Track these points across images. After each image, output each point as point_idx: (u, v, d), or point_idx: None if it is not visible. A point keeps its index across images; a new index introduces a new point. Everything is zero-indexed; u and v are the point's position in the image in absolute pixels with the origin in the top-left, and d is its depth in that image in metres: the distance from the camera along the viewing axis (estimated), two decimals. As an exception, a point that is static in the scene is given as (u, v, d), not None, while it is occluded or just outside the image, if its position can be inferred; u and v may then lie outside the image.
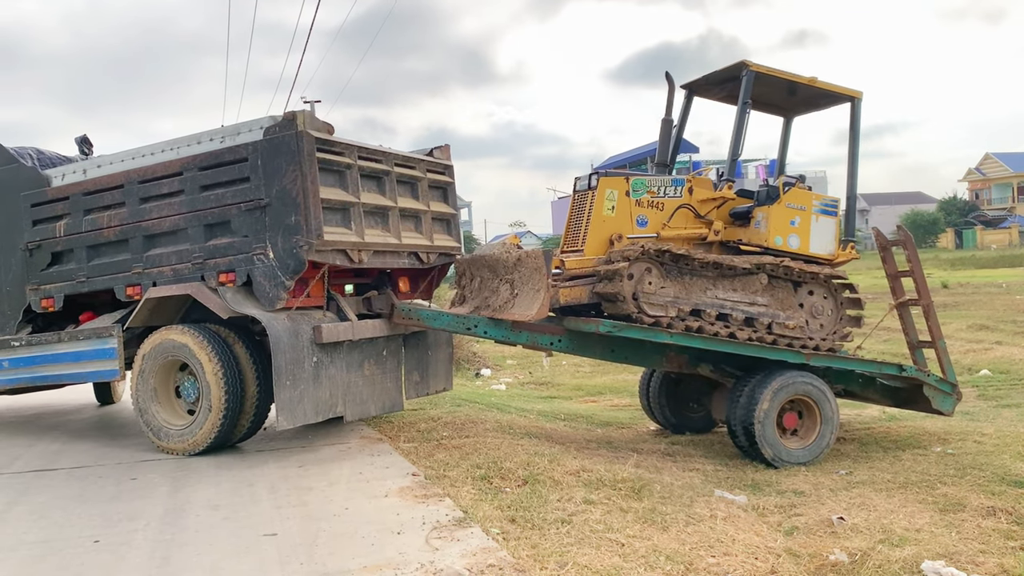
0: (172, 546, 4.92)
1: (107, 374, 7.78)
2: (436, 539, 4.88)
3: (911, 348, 8.36)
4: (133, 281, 7.51)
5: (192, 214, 7.18)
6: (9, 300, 8.24)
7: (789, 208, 7.86)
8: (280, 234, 6.82)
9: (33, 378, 8.27)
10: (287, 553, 4.73)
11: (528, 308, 6.93)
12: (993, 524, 5.49)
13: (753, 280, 7.59)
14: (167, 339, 7.23)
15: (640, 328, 7.18)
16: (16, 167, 8.19)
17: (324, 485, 6.17)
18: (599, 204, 7.61)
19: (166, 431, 7.30)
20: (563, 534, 4.97)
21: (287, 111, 6.86)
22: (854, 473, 6.97)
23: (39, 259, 8.00)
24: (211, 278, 7.11)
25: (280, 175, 6.77)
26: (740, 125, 7.78)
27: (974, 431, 8.23)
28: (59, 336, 7.91)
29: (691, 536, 5.08)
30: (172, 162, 7.28)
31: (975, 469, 6.75)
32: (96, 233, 7.67)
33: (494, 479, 6.14)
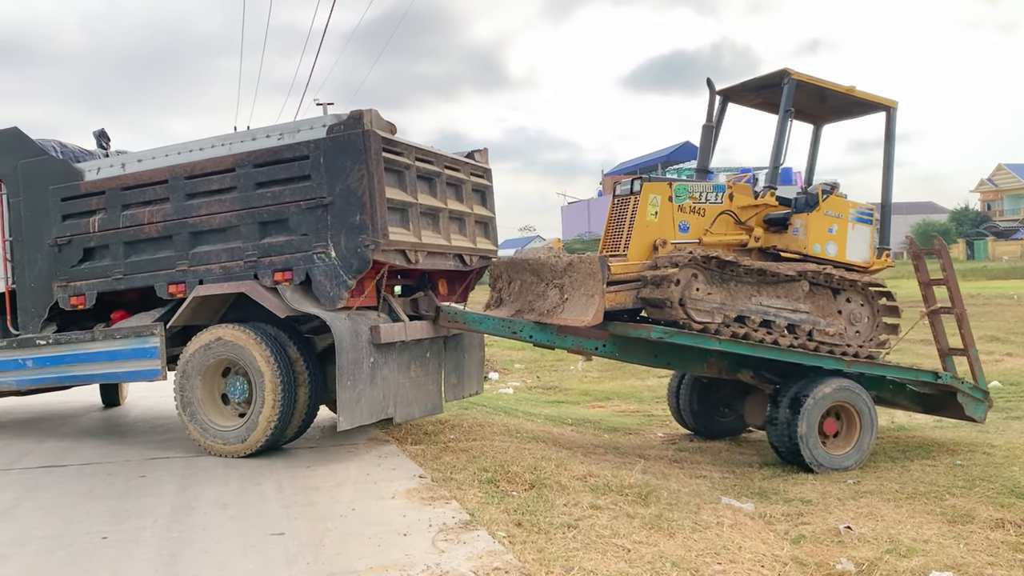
0: (180, 544, 4.94)
1: (147, 374, 7.52)
2: (442, 541, 4.88)
3: (942, 355, 8.41)
4: (177, 279, 7.32)
5: (245, 211, 7.04)
6: (34, 297, 7.95)
7: (827, 216, 7.96)
8: (343, 233, 6.75)
9: (60, 378, 8.02)
10: (294, 552, 4.75)
11: (582, 313, 6.93)
12: (1002, 536, 5.47)
13: (795, 287, 7.63)
14: (218, 338, 7.10)
15: (690, 334, 7.20)
16: (44, 160, 7.95)
17: (331, 485, 6.19)
18: (643, 209, 7.64)
19: (214, 432, 7.15)
20: (569, 539, 4.97)
21: (353, 110, 6.78)
22: (862, 482, 6.94)
23: (69, 255, 7.76)
24: (265, 276, 6.98)
25: (345, 174, 6.72)
26: (782, 133, 7.84)
27: (983, 443, 8.19)
28: (92, 335, 7.69)
29: (697, 543, 5.08)
30: (223, 158, 7.13)
31: (984, 481, 6.71)
32: (135, 229, 7.47)
33: (501, 482, 6.14)
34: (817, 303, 7.73)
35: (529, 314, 7.54)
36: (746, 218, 7.96)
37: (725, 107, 8.66)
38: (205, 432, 7.20)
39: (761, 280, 7.52)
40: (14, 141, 7.99)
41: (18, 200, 7.95)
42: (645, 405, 12.02)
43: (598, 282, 6.84)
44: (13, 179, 7.97)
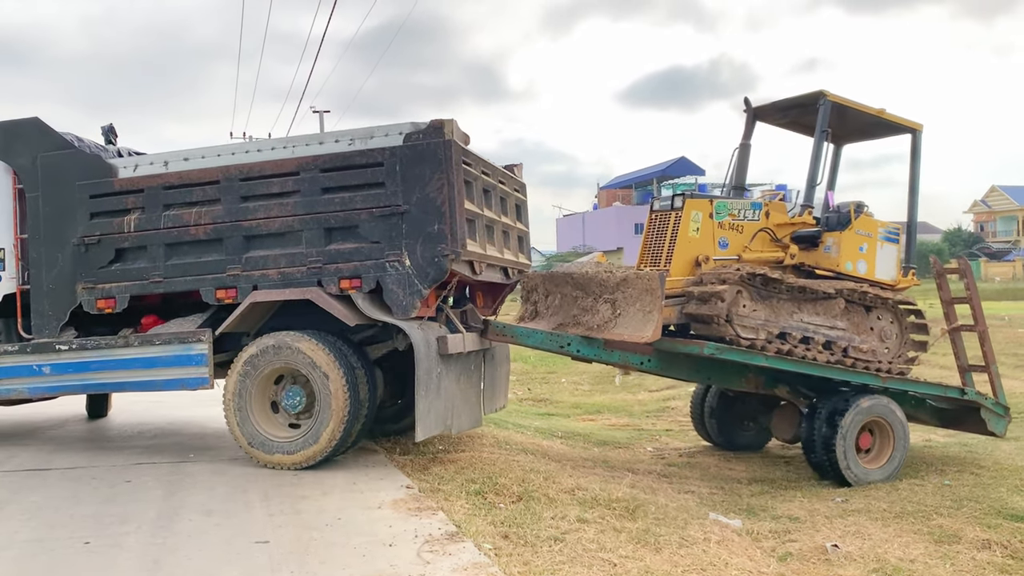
0: (163, 550, 4.91)
1: (192, 382, 7.16)
2: (428, 552, 4.86)
3: (961, 371, 8.61)
4: (227, 283, 7.03)
5: (310, 216, 6.85)
6: (51, 299, 7.44)
7: (858, 235, 8.13)
8: (420, 242, 6.69)
9: (84, 385, 7.58)
10: (278, 561, 4.72)
11: (639, 329, 6.95)
12: (988, 557, 5.46)
13: (833, 304, 7.78)
14: (280, 345, 6.86)
15: (739, 351, 7.30)
16: (71, 154, 7.49)
17: (318, 494, 6.16)
18: (685, 225, 7.73)
19: (270, 443, 6.90)
20: (555, 552, 4.95)
21: (433, 119, 6.75)
22: (850, 501, 6.93)
23: (98, 255, 7.31)
24: (330, 284, 6.82)
25: (423, 183, 6.66)
26: (819, 153, 8.04)
27: (972, 462, 8.20)
28: (127, 340, 7.31)
29: (684, 559, 5.06)
30: (286, 161, 6.95)
31: (972, 501, 6.71)
32: (180, 230, 7.13)
33: (488, 494, 6.12)
34: (852, 320, 7.90)
35: (575, 328, 7.59)
36: (782, 235, 8.11)
37: (753, 125, 8.78)
38: (258, 443, 6.93)
39: (802, 297, 7.68)
40: (34, 132, 7.54)
41: (36, 195, 7.47)
42: (635, 419, 12.01)
43: (657, 298, 6.89)
44: (31, 172, 7.49)
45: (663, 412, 12.60)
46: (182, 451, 7.78)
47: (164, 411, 10.08)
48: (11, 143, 7.58)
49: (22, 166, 7.55)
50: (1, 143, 7.61)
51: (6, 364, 7.55)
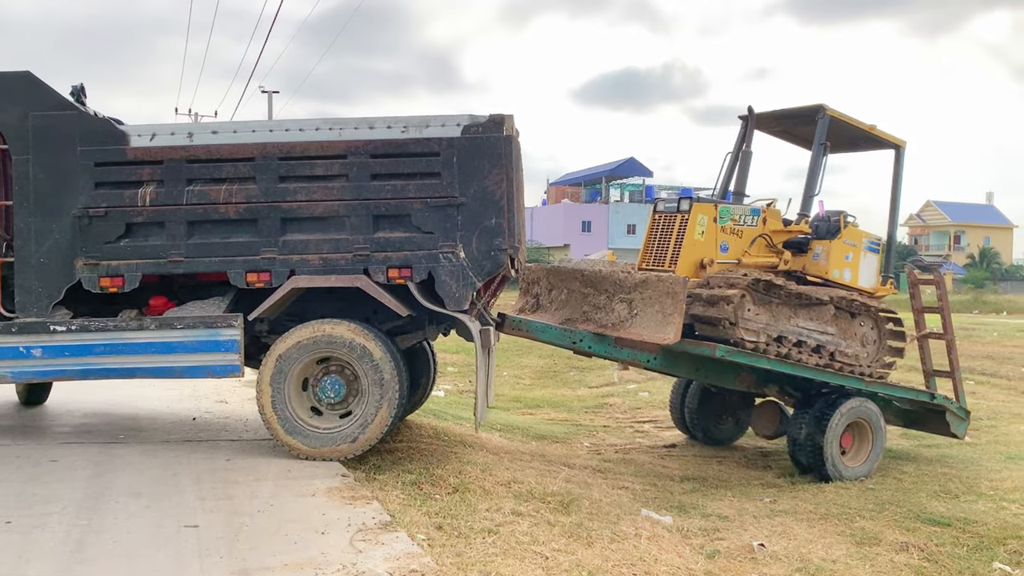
0: (88, 532, 4.80)
1: (221, 370, 6.74)
2: (360, 541, 4.84)
3: (926, 376, 9.20)
4: (260, 267, 6.66)
5: (358, 202, 6.64)
6: (42, 274, 6.71)
7: (845, 244, 8.65)
8: (476, 235, 6.65)
9: (85, 371, 6.83)
10: (208, 546, 4.65)
11: (659, 331, 7.16)
12: (905, 559, 5.67)
13: (824, 310, 8.15)
14: (327, 334, 6.61)
15: (746, 354, 7.59)
16: (73, 115, 6.78)
17: (251, 480, 6.08)
18: (692, 228, 7.99)
19: (310, 434, 6.65)
20: (488, 544, 4.98)
21: (493, 113, 6.72)
22: (778, 501, 7.12)
23: (103, 229, 6.67)
24: (378, 272, 6.65)
25: (481, 176, 6.63)
26: (817, 164, 8.48)
27: (895, 468, 8.48)
28: (140, 322, 6.72)
29: (615, 553, 5.14)
30: (332, 143, 6.68)
31: (892, 505, 6.95)
32: (206, 208, 6.65)
33: (424, 485, 6.12)
34: (839, 326, 8.29)
35: (584, 324, 7.78)
36: (777, 242, 8.54)
37: (753, 133, 9.08)
38: (298, 434, 6.65)
39: (798, 303, 8.00)
40: (24, 87, 6.75)
41: (25, 158, 6.69)
42: (574, 414, 12.12)
43: (679, 302, 7.10)
44: (19, 132, 6.70)
45: (601, 408, 12.75)
46: (112, 432, 7.61)
47: (96, 391, 9.82)
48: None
49: (7, 124, 6.75)
50: None
51: None
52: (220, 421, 8.28)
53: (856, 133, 8.86)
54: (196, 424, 8.08)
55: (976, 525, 6.39)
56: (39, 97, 6.76)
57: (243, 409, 8.76)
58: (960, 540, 6.09)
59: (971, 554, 5.82)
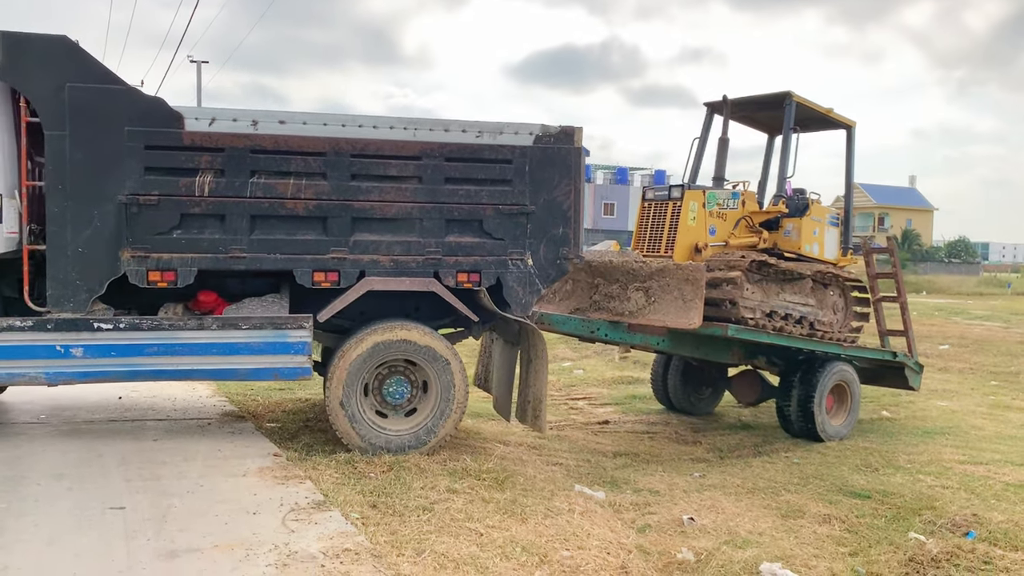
0: (7, 516, 4.65)
1: (291, 372, 6.45)
2: (293, 521, 4.80)
3: (881, 336, 10.06)
4: (328, 266, 6.44)
5: (431, 205, 6.57)
6: (80, 265, 6.08)
7: (813, 220, 9.32)
8: (544, 243, 6.81)
9: (134, 372, 6.28)
10: (134, 528, 4.55)
11: (683, 316, 7.48)
12: (827, 531, 5.87)
13: (804, 284, 8.80)
14: (400, 338, 6.53)
15: (751, 330, 8.13)
16: (120, 90, 6.17)
17: (179, 460, 5.96)
18: (685, 214, 8.50)
19: (377, 435, 6.51)
20: (423, 521, 4.99)
21: (564, 125, 6.85)
22: (707, 476, 7.28)
23: (155, 219, 6.16)
24: (448, 276, 6.64)
25: (551, 186, 6.78)
26: (787, 148, 9.15)
27: (819, 443, 8.75)
28: (200, 321, 6.31)
29: (548, 529, 5.20)
30: (408, 143, 6.55)
31: (816, 479, 7.18)
32: (271, 202, 6.33)
33: (359, 464, 6.08)
34: (817, 297, 8.98)
35: (597, 313, 8.11)
36: (756, 222, 9.18)
37: (711, 119, 9.67)
38: (366, 437, 6.49)
39: (783, 279, 8.62)
40: (61, 54, 6.07)
41: (61, 135, 6.01)
42: (509, 392, 12.16)
43: (699, 288, 7.44)
44: (53, 104, 6.01)
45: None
46: (33, 411, 7.36)
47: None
48: (25, 63, 6.01)
49: (38, 95, 6.04)
50: (11, 61, 5.98)
51: (14, 343, 6.01)
52: (147, 401, 8.09)
53: (814, 116, 9.53)
54: (122, 404, 7.87)
55: (894, 497, 6.65)
56: (78, 66, 6.09)
57: (170, 388, 8.57)
58: (879, 511, 6.33)
59: (889, 524, 6.06)
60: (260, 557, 4.25)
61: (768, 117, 9.81)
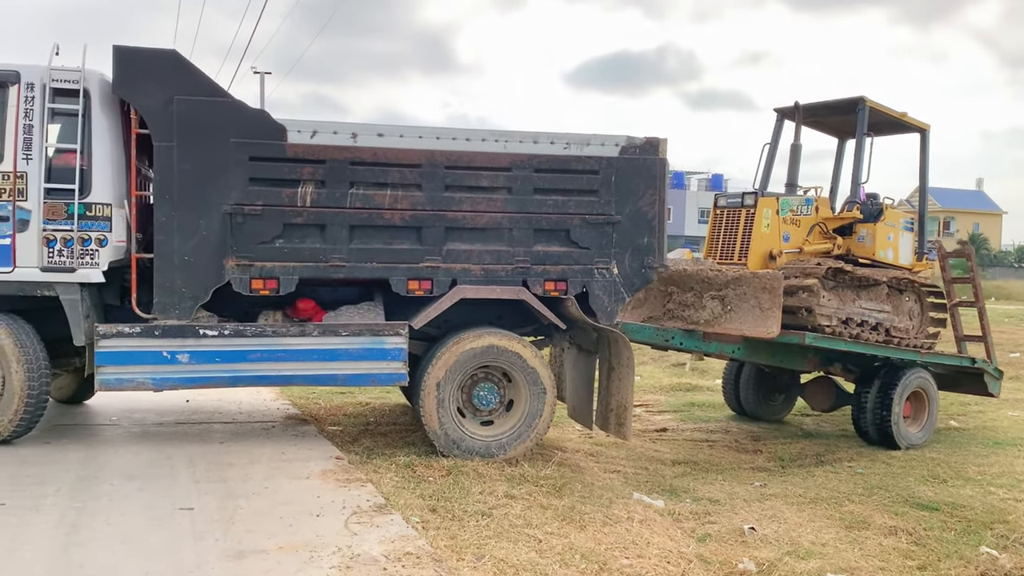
0: (83, 514, 4.81)
1: (387, 378, 6.64)
2: (355, 524, 4.87)
3: (958, 341, 9.91)
4: (422, 275, 6.59)
5: (520, 215, 6.71)
6: (187, 274, 6.23)
7: (887, 225, 9.28)
8: (629, 252, 6.92)
9: (236, 378, 6.44)
10: (202, 528, 4.67)
11: (761, 325, 7.55)
12: (894, 543, 5.73)
13: (879, 290, 8.76)
14: (492, 345, 6.66)
15: (828, 338, 8.15)
16: (226, 103, 6.36)
17: (245, 462, 6.09)
18: (759, 222, 8.60)
19: (469, 443, 6.63)
20: (482, 526, 5.01)
21: (650, 136, 6.91)
22: (768, 485, 7.17)
23: (258, 228, 6.30)
24: (536, 285, 6.77)
25: (636, 196, 6.89)
26: (861, 152, 9.10)
27: (884, 453, 8.54)
28: (302, 328, 6.47)
29: (607, 536, 5.18)
30: (499, 155, 6.69)
31: (881, 489, 7.01)
32: (370, 212, 6.47)
33: (418, 467, 6.15)
34: (893, 303, 8.92)
35: (672, 321, 8.21)
36: (830, 228, 9.20)
37: (781, 124, 9.68)
38: (458, 443, 6.60)
39: (859, 285, 8.59)
40: (170, 68, 6.26)
41: (169, 146, 6.18)
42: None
43: (777, 297, 7.49)
44: (163, 117, 6.18)
45: (593, 392, 12.77)
46: (105, 413, 7.61)
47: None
48: (135, 76, 6.20)
49: (149, 107, 6.18)
50: (122, 75, 6.20)
51: (123, 348, 6.17)
52: (213, 404, 8.28)
53: (887, 120, 9.45)
54: (189, 407, 8.08)
55: (964, 509, 6.46)
56: (186, 80, 6.29)
57: (236, 392, 8.77)
58: (948, 524, 6.16)
59: (959, 538, 5.89)
60: (324, 559, 4.32)
61: (839, 121, 9.77)
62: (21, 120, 6.09)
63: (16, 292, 6.17)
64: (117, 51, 6.18)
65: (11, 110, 6.10)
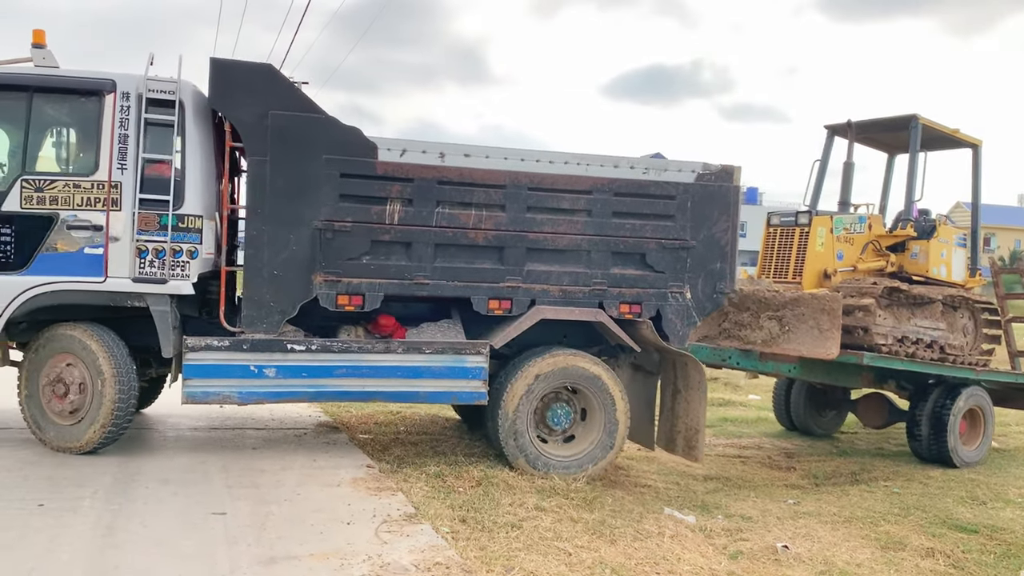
0: (119, 516, 4.88)
1: (468, 396, 6.63)
2: (386, 532, 4.88)
3: (1011, 357, 9.97)
4: (503, 294, 6.64)
5: (599, 238, 6.78)
6: (275, 288, 6.24)
7: (940, 242, 9.32)
8: (702, 277, 7.02)
9: (319, 393, 6.44)
10: (235, 533, 4.71)
11: (820, 346, 7.68)
12: (931, 565, 5.62)
13: (934, 308, 8.76)
14: (572, 366, 6.73)
15: (885, 357, 8.20)
16: (319, 119, 6.35)
17: (277, 469, 6.14)
18: (813, 240, 8.71)
19: (541, 459, 6.67)
20: (512, 538, 5.00)
21: (725, 164, 7.04)
22: (801, 503, 7.07)
23: (347, 245, 6.32)
24: (611, 307, 6.85)
25: (710, 222, 6.99)
26: (914, 170, 9.16)
27: (921, 473, 8.39)
28: (387, 345, 6.49)
29: (638, 551, 5.13)
30: (580, 178, 6.75)
31: (918, 510, 6.88)
32: (455, 231, 6.52)
33: (448, 478, 6.15)
34: (947, 320, 8.90)
35: (728, 341, 8.30)
36: (883, 245, 9.28)
37: (832, 141, 9.78)
38: (533, 461, 6.63)
39: (914, 303, 8.60)
40: (265, 82, 6.28)
41: (262, 160, 6.19)
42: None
43: (836, 318, 7.60)
44: (257, 131, 6.19)
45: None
46: (139, 419, 7.71)
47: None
48: (231, 89, 6.23)
49: (243, 121, 6.21)
50: (218, 87, 6.22)
51: (211, 362, 6.16)
52: (246, 411, 8.36)
53: (939, 136, 9.46)
54: (222, 413, 8.15)
55: (1004, 532, 6.32)
56: (281, 94, 6.30)
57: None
58: (987, 547, 6.02)
59: (998, 562, 5.76)
60: (354, 567, 4.34)
61: (890, 137, 9.80)
62: (117, 129, 6.10)
63: (106, 302, 6.15)
64: (214, 63, 6.22)
65: (107, 120, 6.11)
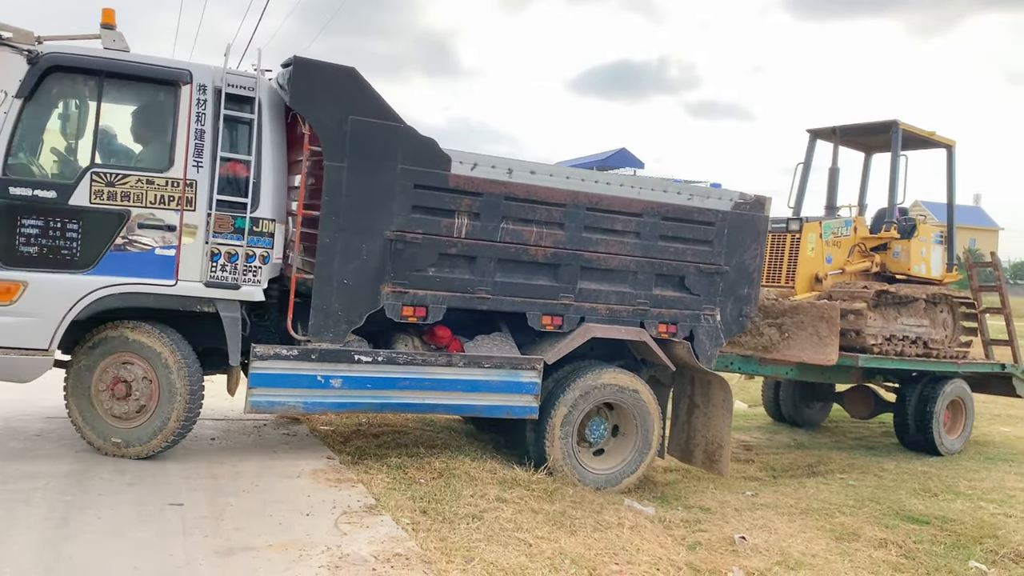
0: (72, 508, 4.79)
1: (521, 411, 6.63)
2: (345, 524, 4.86)
3: (985, 345, 10.40)
4: (556, 311, 6.72)
5: (645, 259, 6.94)
6: (344, 297, 6.09)
7: (920, 240, 9.66)
8: (731, 301, 7.31)
9: (383, 405, 6.33)
10: (191, 524, 4.66)
11: (820, 352, 7.98)
12: (883, 555, 5.73)
13: (917, 305, 9.12)
14: (615, 382, 6.88)
15: (878, 358, 8.60)
16: (400, 128, 6.16)
17: (236, 460, 6.08)
18: (804, 245, 9.01)
19: (583, 471, 6.80)
20: (473, 529, 5.01)
21: (758, 195, 7.31)
22: (759, 495, 7.18)
23: (415, 256, 6.25)
24: (651, 327, 7.04)
25: (742, 249, 7.28)
26: (896, 173, 9.51)
27: (876, 465, 8.56)
28: (449, 358, 6.44)
29: (597, 542, 5.17)
30: (632, 201, 6.86)
31: (872, 502, 7.02)
32: (517, 247, 6.53)
33: (410, 469, 6.14)
34: (929, 316, 9.41)
35: (729, 347, 8.37)
36: (868, 247, 9.62)
37: (814, 144, 10.18)
38: (580, 474, 6.77)
39: (899, 303, 8.95)
40: (347, 86, 6.05)
41: (340, 166, 5.98)
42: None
43: (835, 326, 7.90)
44: (336, 136, 5.98)
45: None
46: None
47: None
48: (314, 91, 5.95)
49: (323, 124, 5.98)
50: (299, 88, 5.92)
51: (278, 371, 5.95)
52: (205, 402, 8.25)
53: (915, 137, 9.85)
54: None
55: (954, 523, 6.47)
56: (362, 99, 6.09)
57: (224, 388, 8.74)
58: (938, 538, 6.17)
59: (948, 552, 5.90)
60: (313, 558, 4.32)
61: (869, 139, 10.19)
62: (193, 124, 5.79)
63: (175, 306, 5.88)
64: (299, 62, 5.97)
65: (183, 113, 5.77)
